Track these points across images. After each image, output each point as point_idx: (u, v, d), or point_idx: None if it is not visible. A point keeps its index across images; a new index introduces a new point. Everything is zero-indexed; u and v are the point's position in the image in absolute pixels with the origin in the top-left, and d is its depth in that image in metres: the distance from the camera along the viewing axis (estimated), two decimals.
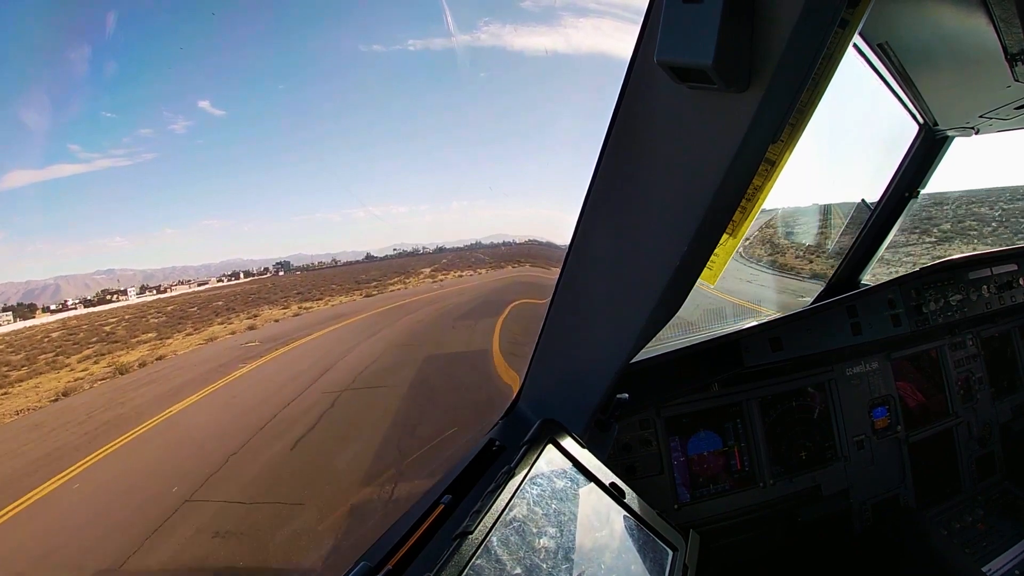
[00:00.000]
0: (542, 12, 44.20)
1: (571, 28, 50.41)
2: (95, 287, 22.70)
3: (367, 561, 1.14)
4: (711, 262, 1.07)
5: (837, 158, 6.01)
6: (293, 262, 29.10)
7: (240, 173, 37.93)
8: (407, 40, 34.89)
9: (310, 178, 38.51)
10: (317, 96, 34.84)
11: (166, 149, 31.19)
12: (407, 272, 27.13)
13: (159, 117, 30.19)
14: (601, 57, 56.74)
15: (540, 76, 49.01)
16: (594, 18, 52.80)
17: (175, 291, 24.17)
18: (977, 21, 1.33)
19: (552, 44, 46.15)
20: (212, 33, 27.91)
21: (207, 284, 25.59)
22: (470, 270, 27.46)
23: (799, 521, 2.33)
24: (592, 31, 53.04)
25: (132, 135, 29.33)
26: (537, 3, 44.36)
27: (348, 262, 30.11)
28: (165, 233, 37.48)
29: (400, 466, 5.68)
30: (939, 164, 2.61)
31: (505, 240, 33.98)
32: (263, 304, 21.77)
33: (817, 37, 0.74)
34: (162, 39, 26.63)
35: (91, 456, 7.54)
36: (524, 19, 42.37)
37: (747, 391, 2.33)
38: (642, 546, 1.32)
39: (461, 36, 36.20)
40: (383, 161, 42.34)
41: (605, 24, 52.76)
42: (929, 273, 2.64)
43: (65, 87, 24.89)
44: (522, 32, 39.13)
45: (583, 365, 1.46)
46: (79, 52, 23.49)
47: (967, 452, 2.72)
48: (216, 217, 39.21)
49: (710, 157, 0.86)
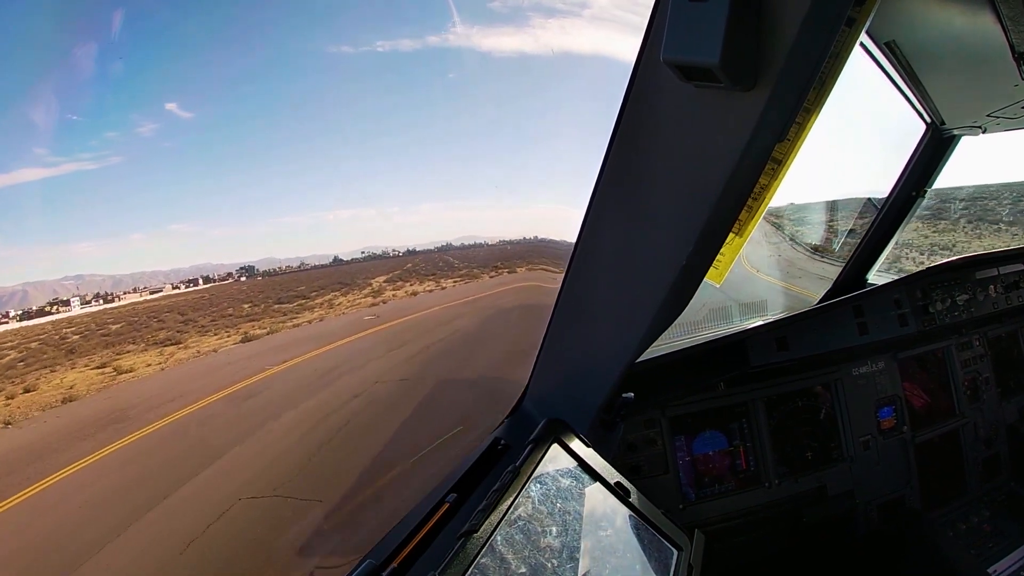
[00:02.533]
0: (535, 10, 43.94)
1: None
2: (64, 293, 22.10)
3: (372, 559, 1.14)
4: (717, 261, 1.07)
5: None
6: (263, 266, 28.73)
7: (209, 176, 37.60)
8: (376, 41, 34.60)
9: (280, 180, 38.21)
10: (286, 98, 34.56)
11: (133, 152, 30.83)
12: (349, 285, 23.08)
13: (126, 120, 29.77)
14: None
15: (537, 75, 48.20)
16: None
17: (124, 300, 22.59)
18: (984, 20, 1.32)
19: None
20: (180, 34, 27.52)
21: (160, 292, 24.81)
22: (432, 281, 23.26)
23: (804, 522, 2.32)
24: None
25: (99, 138, 28.97)
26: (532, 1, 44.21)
27: (316, 265, 29.69)
28: (134, 238, 37.24)
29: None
30: (946, 163, 2.60)
31: (477, 241, 33.44)
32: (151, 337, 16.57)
33: (824, 36, 0.74)
34: (128, 40, 26.23)
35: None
36: (495, 19, 42.07)
37: (753, 391, 2.32)
38: (647, 545, 1.32)
39: (431, 37, 35.98)
40: (352, 163, 42.01)
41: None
42: (936, 273, 2.63)
43: (31, 90, 24.50)
44: (503, 31, 38.77)
45: (588, 364, 1.46)
46: (43, 55, 23.16)
47: (973, 453, 2.71)
48: (185, 221, 39.01)
49: (716, 156, 0.86)
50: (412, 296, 20.26)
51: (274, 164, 39.26)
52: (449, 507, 1.36)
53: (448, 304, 16.95)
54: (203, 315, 18.85)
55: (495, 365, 9.37)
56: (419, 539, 1.26)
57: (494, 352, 10.48)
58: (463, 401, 8.22)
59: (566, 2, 45.13)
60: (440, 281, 23.04)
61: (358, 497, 5.76)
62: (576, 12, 46.23)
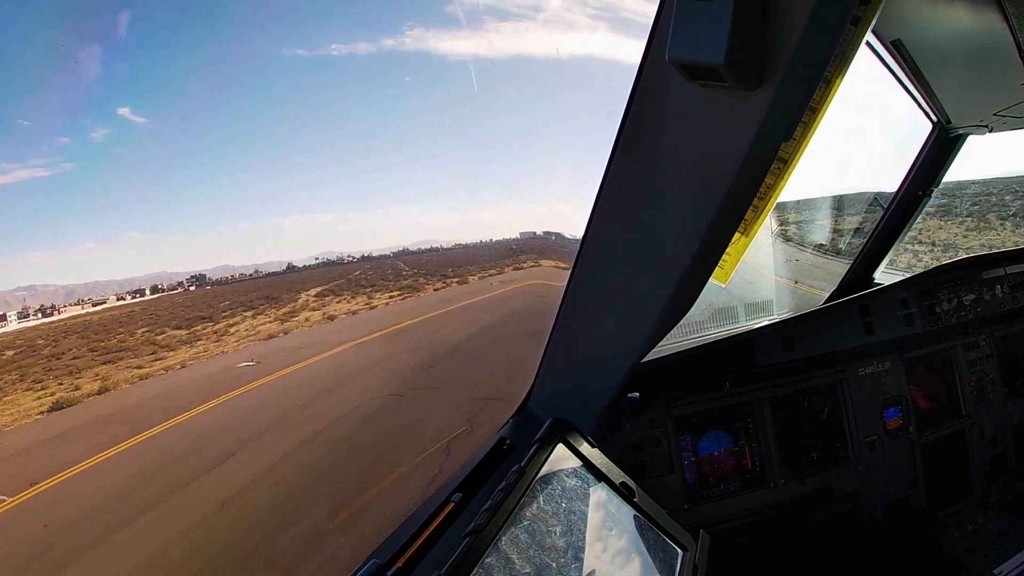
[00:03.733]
0: (525, 9, 44.05)
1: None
2: (16, 304, 21.40)
3: (377, 559, 1.14)
4: (723, 261, 1.07)
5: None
6: (218, 274, 28.33)
7: (164, 183, 37.12)
8: (331, 45, 34.46)
9: (236, 186, 37.86)
10: (242, 102, 34.18)
11: (85, 158, 30.25)
12: (274, 300, 20.36)
13: (78, 125, 29.11)
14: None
15: (494, 77, 48.28)
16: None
17: (65, 313, 21.66)
18: (991, 18, 1.32)
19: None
20: (133, 36, 27.04)
21: (103, 304, 23.28)
22: (365, 296, 20.30)
23: (809, 522, 2.31)
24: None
25: (51, 144, 28.37)
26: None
27: (271, 272, 29.21)
28: (87, 247, 36.60)
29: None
30: (953, 162, 2.59)
31: (433, 246, 33.09)
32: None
33: (829, 34, 0.74)
34: (80, 43, 25.79)
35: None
36: (450, 22, 42.23)
37: (758, 391, 2.32)
38: (652, 545, 1.32)
39: (386, 40, 35.95)
40: (310, 169, 41.81)
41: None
42: (943, 272, 2.62)
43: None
44: (459, 35, 38.95)
45: (594, 364, 1.46)
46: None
47: (980, 453, 2.69)
48: (139, 229, 38.50)
49: (722, 155, 0.86)
50: (328, 321, 17.36)
51: (231, 169, 38.84)
52: (454, 507, 1.36)
53: (366, 337, 13.08)
54: (88, 344, 16.38)
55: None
56: (424, 538, 1.26)
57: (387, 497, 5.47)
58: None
59: (520, 5, 44.80)
60: (373, 298, 20.50)
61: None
62: (530, 16, 46.20)
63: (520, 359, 8.24)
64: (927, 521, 2.50)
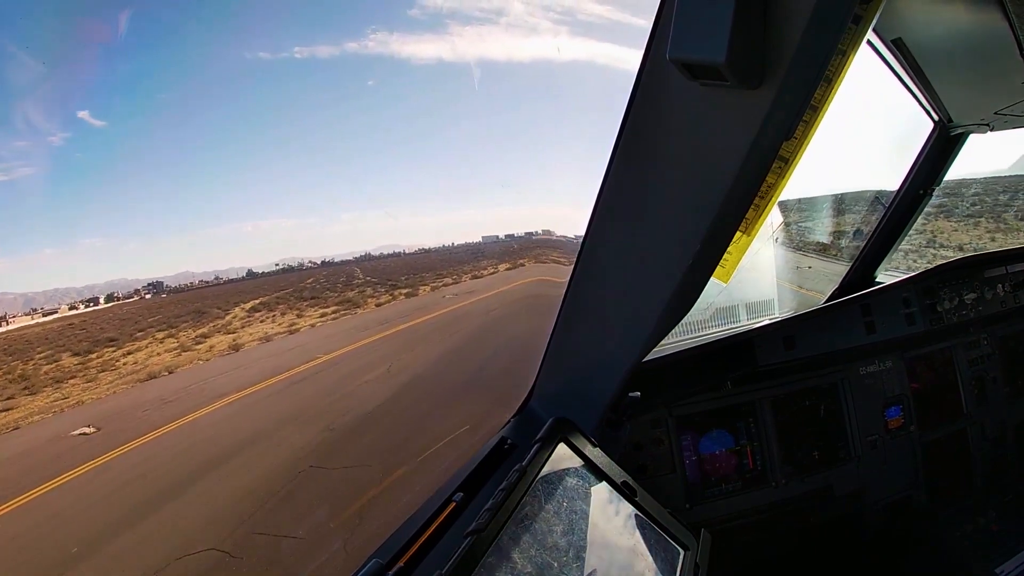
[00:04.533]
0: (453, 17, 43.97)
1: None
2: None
3: (378, 558, 1.14)
4: (724, 260, 1.07)
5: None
6: (180, 280, 28.01)
7: (124, 188, 36.58)
8: (293, 47, 34.14)
9: (197, 191, 37.41)
10: (203, 105, 33.75)
11: (44, 163, 29.86)
12: (203, 316, 19.17)
13: (36, 128, 28.65)
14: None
15: (459, 80, 47.99)
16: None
17: (13, 324, 20.99)
18: (992, 17, 1.32)
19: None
20: (92, 39, 26.66)
21: (55, 313, 22.86)
22: (296, 313, 19.01)
23: (811, 521, 2.31)
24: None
25: (8, 148, 27.96)
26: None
27: (231, 279, 28.84)
28: (45, 253, 36.16)
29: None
30: (954, 161, 2.59)
31: (396, 250, 32.88)
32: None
33: (830, 33, 0.74)
34: (39, 44, 25.39)
35: None
36: (416, 26, 41.82)
37: (760, 390, 2.32)
38: (653, 545, 1.32)
39: (349, 44, 35.71)
40: (272, 173, 41.49)
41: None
42: (944, 271, 2.62)
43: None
44: (423, 38, 38.68)
45: (595, 363, 1.46)
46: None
47: (981, 453, 2.69)
48: (99, 236, 37.89)
49: (723, 154, 0.86)
50: (231, 352, 15.34)
51: (191, 174, 38.35)
52: (456, 506, 1.36)
53: (257, 387, 10.59)
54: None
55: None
56: (425, 538, 1.26)
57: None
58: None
59: (483, 11, 44.39)
60: (304, 314, 19.07)
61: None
62: (493, 20, 46.01)
63: (472, 446, 4.73)
64: (928, 521, 2.50)
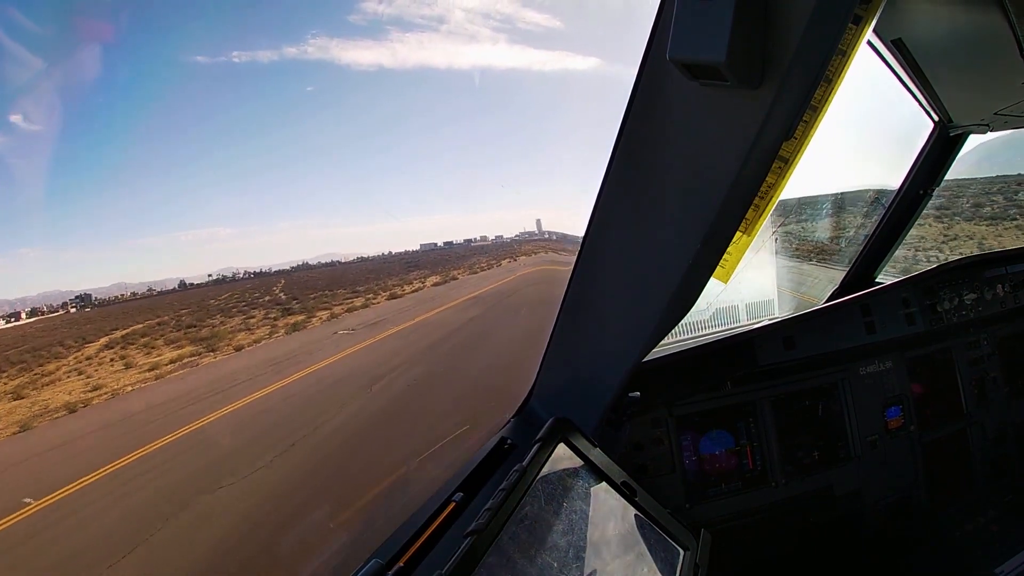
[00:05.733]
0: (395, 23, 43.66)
1: (431, 41, 50.41)
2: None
3: (378, 558, 1.14)
4: (724, 260, 1.07)
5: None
6: (115, 291, 27.56)
7: (59, 195, 35.83)
8: (232, 51, 33.72)
9: (134, 199, 36.78)
10: (140, 109, 33.24)
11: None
12: (63, 352, 16.92)
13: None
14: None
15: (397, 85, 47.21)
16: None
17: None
18: (992, 17, 1.32)
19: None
20: (24, 39, 26.05)
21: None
22: (153, 348, 16.40)
23: (811, 521, 2.31)
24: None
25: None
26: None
27: (165, 290, 28.42)
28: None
29: None
30: (954, 161, 2.59)
31: (334, 259, 32.59)
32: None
33: (830, 33, 0.74)
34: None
35: None
36: (355, 32, 41.25)
37: (760, 390, 2.32)
38: (653, 545, 1.32)
39: (289, 48, 35.28)
40: (210, 180, 40.96)
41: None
42: (944, 272, 2.62)
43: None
44: (361, 44, 38.05)
45: (595, 363, 1.46)
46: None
47: (981, 453, 2.69)
48: (33, 244, 37.20)
49: (723, 154, 0.86)
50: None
51: (128, 182, 37.59)
52: (456, 506, 1.36)
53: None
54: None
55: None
56: (425, 538, 1.26)
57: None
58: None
59: (425, 18, 43.71)
60: (155, 351, 16.04)
61: None
62: (434, 27, 45.69)
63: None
64: (928, 520, 2.50)
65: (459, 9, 48.44)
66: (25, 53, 27.08)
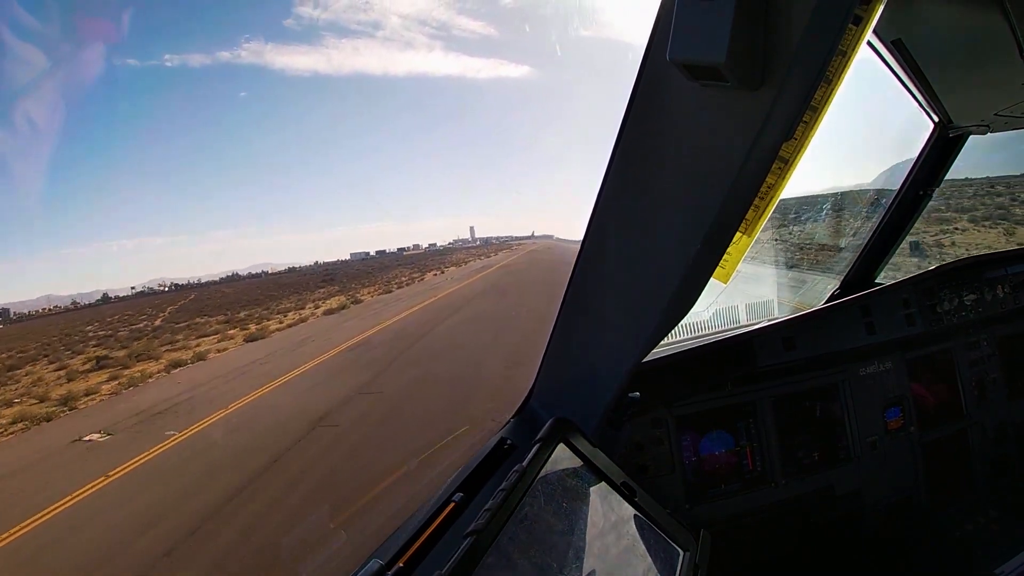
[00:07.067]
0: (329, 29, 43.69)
1: (366, 48, 50.23)
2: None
3: (378, 559, 1.14)
4: (724, 260, 1.07)
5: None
6: (41, 304, 27.45)
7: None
8: (163, 54, 33.62)
9: (57, 208, 36.77)
10: (66, 112, 33.12)
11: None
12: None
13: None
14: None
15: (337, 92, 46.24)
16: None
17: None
18: (992, 18, 1.32)
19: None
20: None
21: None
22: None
23: (811, 522, 2.31)
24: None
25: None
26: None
27: (86, 304, 28.17)
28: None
29: None
30: (954, 162, 2.59)
31: (265, 270, 32.63)
32: None
33: (830, 34, 0.74)
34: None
35: None
36: (290, 37, 40.70)
37: (760, 391, 2.32)
38: (653, 546, 1.32)
39: (222, 53, 35.06)
40: (138, 188, 41.06)
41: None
42: (944, 272, 2.62)
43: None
44: (298, 50, 37.70)
45: (595, 363, 1.46)
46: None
47: (981, 453, 2.69)
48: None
49: (723, 155, 0.86)
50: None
51: (50, 190, 37.35)
52: (455, 506, 1.36)
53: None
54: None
55: None
56: (425, 538, 1.26)
57: None
58: None
59: (360, 23, 43.30)
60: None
61: None
62: (370, 33, 45.19)
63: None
64: (928, 521, 2.50)
65: (395, 15, 48.72)
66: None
